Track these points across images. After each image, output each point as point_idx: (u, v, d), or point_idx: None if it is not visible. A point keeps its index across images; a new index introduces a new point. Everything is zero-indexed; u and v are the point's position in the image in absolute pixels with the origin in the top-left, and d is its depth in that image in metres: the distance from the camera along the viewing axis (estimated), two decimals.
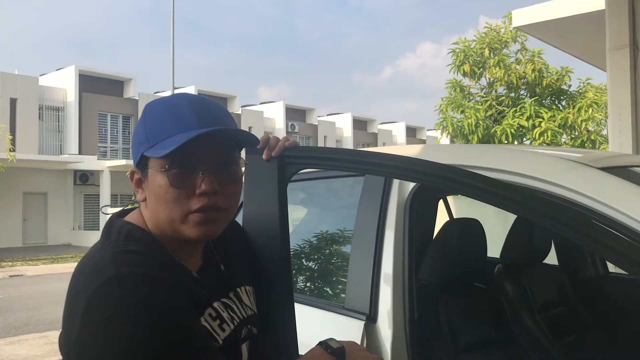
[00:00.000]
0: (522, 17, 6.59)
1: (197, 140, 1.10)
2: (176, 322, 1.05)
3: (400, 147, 2.14)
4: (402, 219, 1.86)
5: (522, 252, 2.60)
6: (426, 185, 1.84)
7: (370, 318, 1.77)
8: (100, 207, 15.65)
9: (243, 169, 1.54)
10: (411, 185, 1.88)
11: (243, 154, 1.55)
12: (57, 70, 28.07)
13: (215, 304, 1.20)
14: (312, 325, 1.73)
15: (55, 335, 7.84)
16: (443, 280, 2.07)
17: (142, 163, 1.17)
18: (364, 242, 1.88)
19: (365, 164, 1.52)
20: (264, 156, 1.47)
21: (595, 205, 1.45)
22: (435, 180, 1.41)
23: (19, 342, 7.55)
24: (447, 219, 2.93)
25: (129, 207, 1.29)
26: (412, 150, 1.94)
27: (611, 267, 3.15)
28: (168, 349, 1.02)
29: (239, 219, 1.56)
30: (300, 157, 1.49)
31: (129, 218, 1.21)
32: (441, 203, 3.13)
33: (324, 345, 1.24)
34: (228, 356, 1.16)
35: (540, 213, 1.25)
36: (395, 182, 1.90)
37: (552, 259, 2.92)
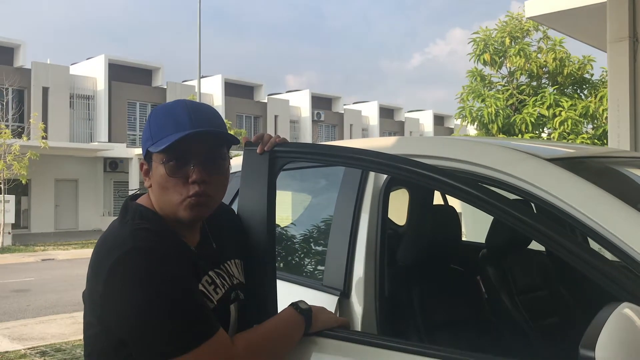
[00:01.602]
0: (534, 7, 6.63)
1: (188, 138, 1.37)
2: (180, 286, 1.32)
3: (373, 140, 2.32)
4: (376, 205, 2.03)
5: (506, 237, 2.74)
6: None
7: (344, 294, 1.94)
8: (129, 193, 16.99)
9: (238, 160, 1.77)
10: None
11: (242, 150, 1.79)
12: (87, 59, 28.65)
13: (210, 273, 1.47)
14: (295, 299, 1.91)
15: (82, 315, 8.21)
16: (418, 262, 2.24)
17: (148, 157, 1.45)
18: (342, 225, 2.06)
19: (340, 157, 1.78)
20: (257, 150, 1.72)
21: (539, 192, 1.61)
22: (391, 171, 1.61)
23: (48, 322, 7.93)
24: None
25: (138, 192, 1.57)
26: (382, 143, 2.11)
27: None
28: (173, 306, 1.28)
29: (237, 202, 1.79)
30: (288, 152, 1.76)
31: (140, 201, 1.49)
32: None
33: (295, 306, 1.56)
34: (220, 315, 1.43)
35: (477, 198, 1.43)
36: (372, 172, 2.08)
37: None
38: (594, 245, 1.53)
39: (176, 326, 1.28)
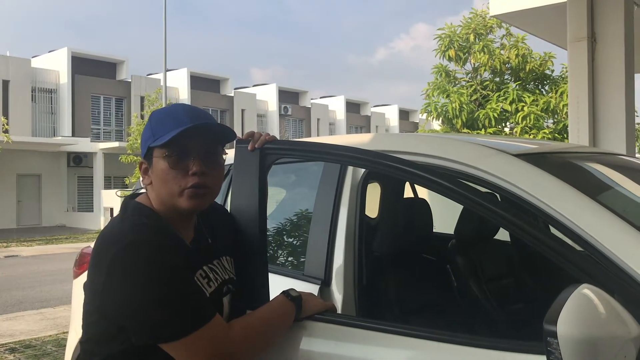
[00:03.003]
0: (498, 5, 6.83)
1: (189, 132, 1.48)
2: (178, 275, 1.42)
3: (354, 136, 2.42)
4: (354, 198, 2.14)
5: (474, 228, 2.88)
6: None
7: (325, 282, 2.05)
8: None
9: (230, 156, 1.87)
10: (362, 169, 2.17)
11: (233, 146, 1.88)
12: (49, 52, 28.05)
13: (204, 267, 1.58)
14: (279, 288, 2.01)
15: (50, 312, 8.13)
16: (392, 252, 2.36)
17: (148, 155, 1.55)
18: (322, 217, 2.16)
19: (327, 154, 1.90)
20: (249, 147, 1.83)
21: (507, 186, 1.73)
22: (372, 166, 1.73)
23: (15, 319, 7.83)
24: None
25: (137, 191, 1.65)
26: (362, 139, 2.22)
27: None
28: (172, 294, 1.38)
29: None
30: (277, 149, 1.88)
31: (138, 199, 1.58)
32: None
33: (286, 293, 1.67)
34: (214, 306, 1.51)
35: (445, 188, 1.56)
36: (350, 167, 2.19)
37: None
38: (556, 233, 1.66)
39: (175, 313, 1.37)
